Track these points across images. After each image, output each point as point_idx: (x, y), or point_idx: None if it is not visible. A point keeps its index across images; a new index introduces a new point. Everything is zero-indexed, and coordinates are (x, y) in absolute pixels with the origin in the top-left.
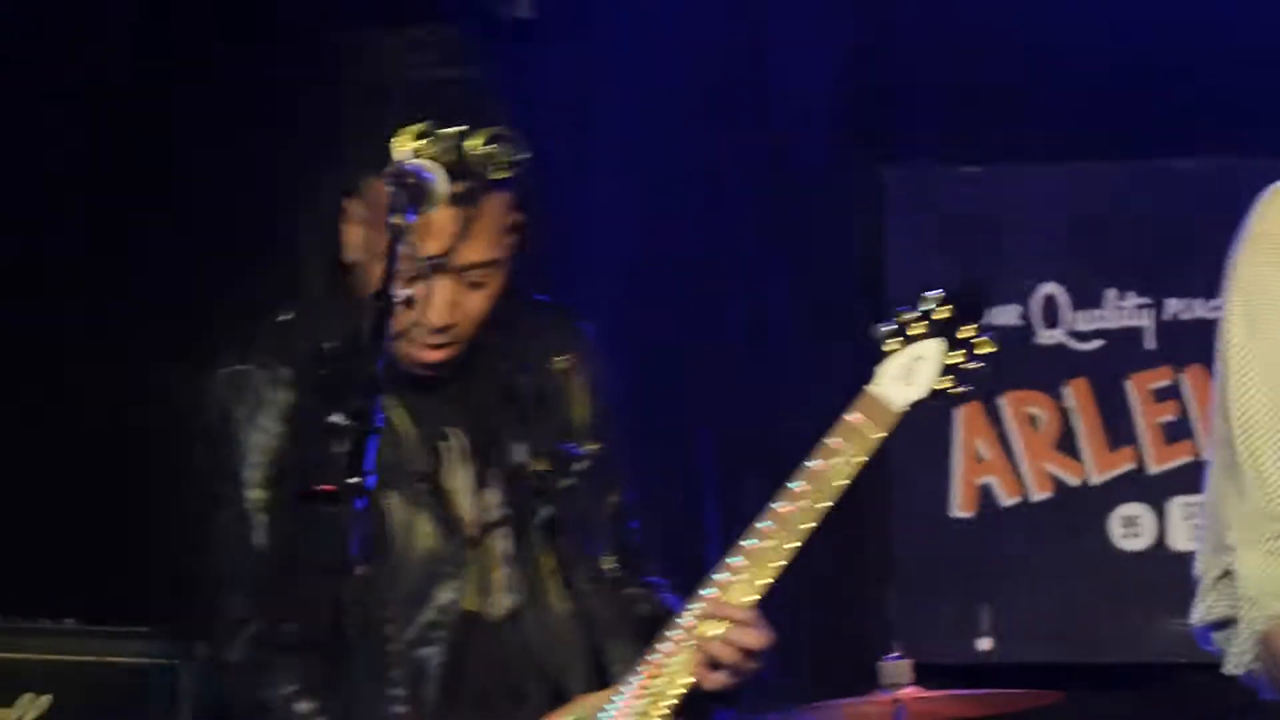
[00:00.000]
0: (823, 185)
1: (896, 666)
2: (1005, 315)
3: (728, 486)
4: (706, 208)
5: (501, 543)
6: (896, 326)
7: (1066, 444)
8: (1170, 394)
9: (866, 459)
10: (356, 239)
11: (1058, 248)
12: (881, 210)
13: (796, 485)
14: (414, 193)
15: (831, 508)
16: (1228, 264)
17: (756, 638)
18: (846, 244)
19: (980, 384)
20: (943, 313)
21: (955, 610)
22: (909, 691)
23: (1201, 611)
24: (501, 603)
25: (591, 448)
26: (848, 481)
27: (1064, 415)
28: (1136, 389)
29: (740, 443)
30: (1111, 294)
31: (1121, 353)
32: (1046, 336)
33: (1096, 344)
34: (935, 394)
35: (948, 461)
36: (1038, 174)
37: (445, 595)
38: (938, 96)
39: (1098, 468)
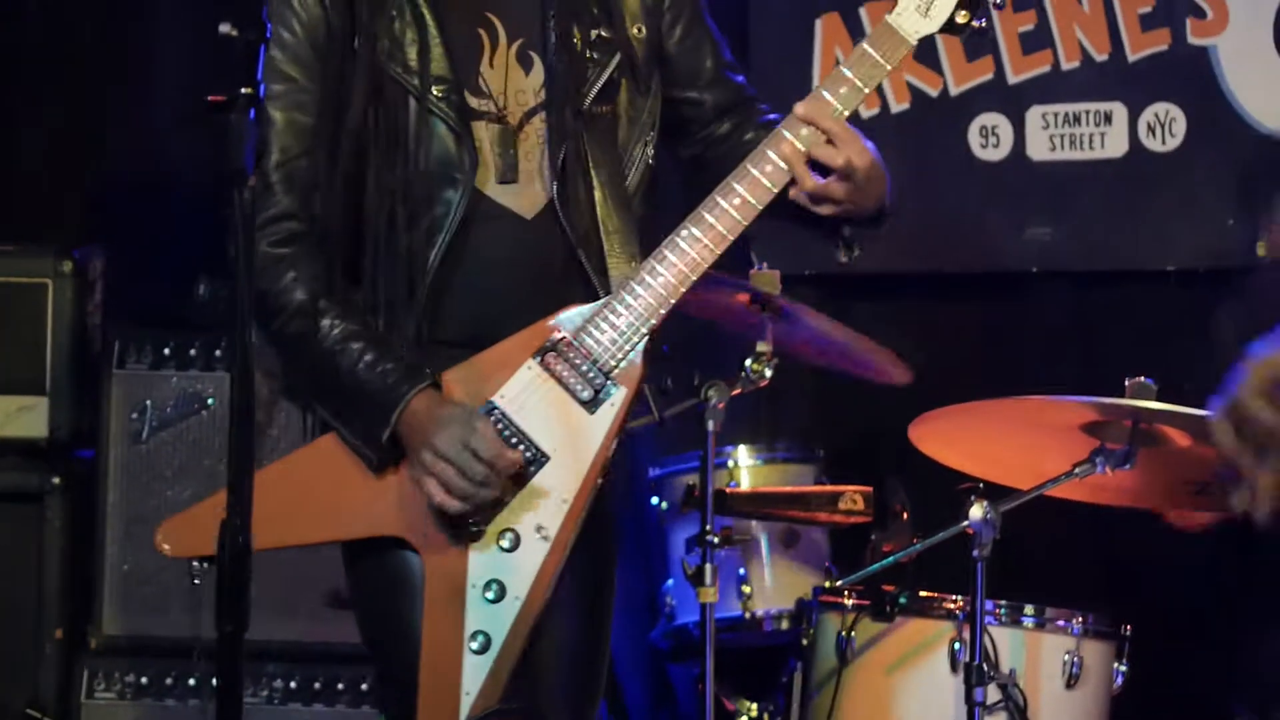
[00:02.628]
0: None
1: (765, 277)
2: None
3: None
4: None
5: (539, 129)
6: None
7: (925, 55)
8: (1029, 3)
9: (870, 90)
10: None
11: None
12: None
13: (803, 104)
14: None
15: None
16: None
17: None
18: None
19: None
20: None
21: None
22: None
23: None
24: (534, 191)
25: (639, 32)
26: (850, 109)
27: None
28: None
29: None
30: None
31: None
32: None
33: None
34: (949, 27)
35: (809, 73)
36: None
37: (451, 194)
38: None
39: (956, 78)
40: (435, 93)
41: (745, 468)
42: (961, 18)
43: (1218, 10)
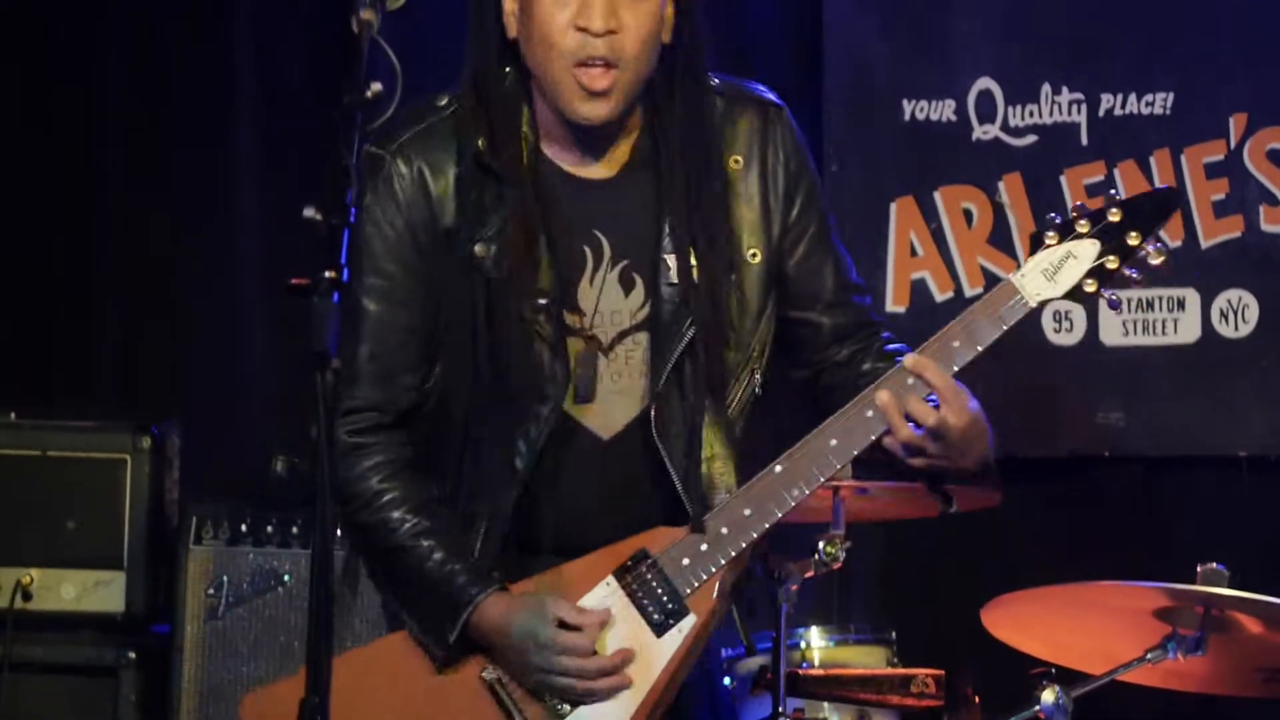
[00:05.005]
0: None
1: None
2: (942, 110)
3: None
4: None
5: (632, 350)
6: (1064, 222)
7: (999, 238)
8: (1103, 189)
9: (984, 349)
10: (512, 12)
11: (994, 42)
12: None
13: (912, 355)
14: None
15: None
16: None
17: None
18: (783, 23)
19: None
20: (1115, 215)
21: None
22: (848, 484)
23: None
24: (614, 413)
25: (754, 255)
26: (961, 366)
27: (998, 210)
28: (1070, 183)
29: None
30: (1046, 89)
31: (1055, 147)
32: (982, 131)
33: (1031, 139)
34: (1075, 293)
35: (883, 256)
36: None
37: (541, 408)
38: None
39: None
40: (536, 306)
41: (817, 649)
42: (1089, 286)
43: None
